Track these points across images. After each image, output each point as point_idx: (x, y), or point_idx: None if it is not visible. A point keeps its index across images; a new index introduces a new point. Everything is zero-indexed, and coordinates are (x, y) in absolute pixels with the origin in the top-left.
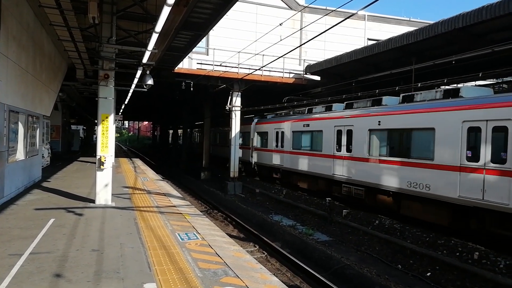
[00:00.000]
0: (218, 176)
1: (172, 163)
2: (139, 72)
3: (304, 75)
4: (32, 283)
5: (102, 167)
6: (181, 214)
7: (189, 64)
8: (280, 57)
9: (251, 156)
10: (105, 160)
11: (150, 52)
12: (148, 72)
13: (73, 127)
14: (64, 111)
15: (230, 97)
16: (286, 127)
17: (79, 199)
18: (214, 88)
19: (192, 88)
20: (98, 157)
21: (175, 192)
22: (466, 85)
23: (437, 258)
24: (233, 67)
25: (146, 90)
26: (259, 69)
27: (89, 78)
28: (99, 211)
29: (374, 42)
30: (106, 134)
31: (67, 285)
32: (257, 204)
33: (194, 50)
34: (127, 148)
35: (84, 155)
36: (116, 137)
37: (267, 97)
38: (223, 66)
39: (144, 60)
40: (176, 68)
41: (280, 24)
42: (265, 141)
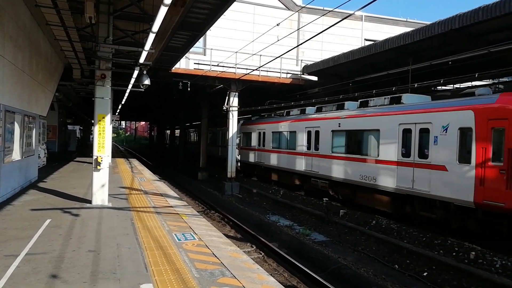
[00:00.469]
0: (215, 177)
1: (169, 164)
2: (136, 72)
3: (301, 76)
4: (28, 284)
5: (98, 167)
6: (178, 214)
7: (186, 64)
8: (277, 57)
9: (238, 155)
10: (101, 161)
11: (147, 52)
12: (145, 72)
13: (69, 127)
14: (61, 111)
15: (227, 97)
16: (267, 128)
17: (76, 199)
18: (212, 88)
19: (189, 88)
20: (95, 157)
21: (172, 193)
22: (409, 94)
23: (433, 258)
24: (230, 67)
25: (143, 90)
26: (256, 69)
27: (85, 78)
28: (95, 212)
29: (371, 43)
30: (103, 134)
31: (63, 286)
32: (254, 204)
33: (191, 50)
34: (124, 148)
35: (80, 155)
36: (113, 137)
37: (264, 97)
38: (220, 66)
39: (141, 60)
40: (173, 68)
41: (278, 25)
42: (249, 141)
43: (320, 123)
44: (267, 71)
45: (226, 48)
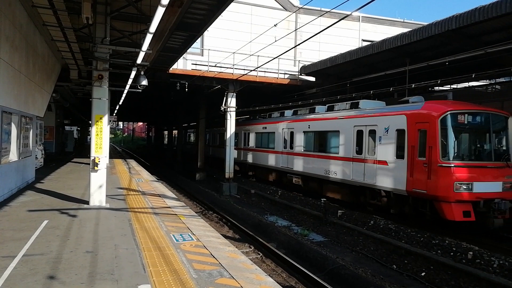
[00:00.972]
0: (213, 177)
1: (167, 164)
2: (133, 73)
3: (299, 76)
4: (25, 285)
5: (96, 168)
6: (176, 215)
7: (183, 64)
8: (275, 58)
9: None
10: (99, 161)
11: (145, 52)
12: (142, 72)
13: (67, 128)
14: (58, 112)
15: (225, 98)
16: (251, 129)
17: (73, 200)
18: (209, 89)
19: (187, 89)
20: (92, 158)
21: (170, 193)
22: (365, 100)
23: (431, 258)
24: (228, 67)
25: (140, 90)
26: (254, 70)
27: (83, 78)
28: (93, 213)
29: (369, 43)
30: (100, 135)
31: (61, 287)
32: (252, 205)
33: (188, 50)
34: (121, 149)
35: (78, 156)
36: (110, 138)
37: (262, 98)
38: (218, 66)
39: (139, 60)
40: (170, 68)
41: (275, 25)
42: (237, 141)
43: (295, 124)
44: (264, 71)
45: (224, 49)
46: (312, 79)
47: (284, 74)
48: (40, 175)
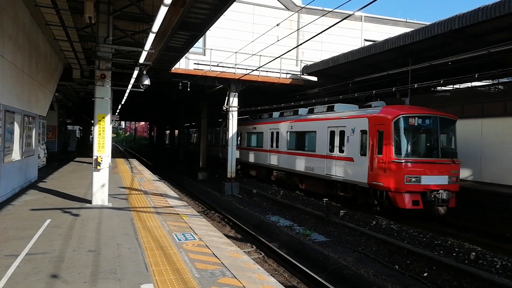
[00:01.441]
0: (215, 177)
1: (169, 164)
2: (135, 72)
3: (301, 76)
4: (28, 284)
5: (98, 167)
6: (178, 214)
7: (186, 64)
8: (277, 57)
9: (220, 152)
10: (101, 161)
11: (147, 52)
12: (145, 72)
13: (69, 127)
14: (60, 111)
15: (227, 97)
16: (243, 129)
17: (76, 199)
18: (211, 89)
19: (189, 89)
20: (95, 157)
21: (172, 193)
22: (341, 104)
23: (434, 259)
24: (230, 67)
25: (143, 90)
26: (256, 69)
27: (85, 78)
28: (95, 212)
29: (371, 43)
30: (103, 135)
31: (64, 285)
32: (254, 204)
33: (191, 50)
34: (123, 148)
35: (80, 155)
36: (112, 137)
37: (264, 97)
38: (220, 66)
39: (141, 60)
40: (173, 68)
41: (277, 25)
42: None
43: (280, 125)
44: (267, 71)
45: (226, 48)
46: (314, 79)
47: (286, 73)
48: (43, 174)
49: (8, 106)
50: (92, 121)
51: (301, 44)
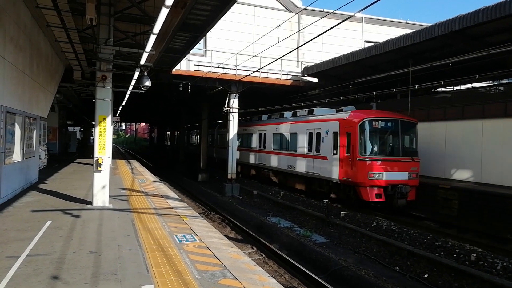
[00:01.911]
0: (216, 178)
1: (169, 165)
2: (136, 74)
3: (302, 77)
4: (29, 285)
5: (99, 168)
6: (178, 216)
7: (186, 65)
8: (277, 59)
9: (215, 153)
10: (102, 162)
11: (148, 53)
12: (145, 73)
13: (70, 128)
14: (61, 112)
15: (227, 98)
16: (238, 130)
17: (76, 201)
18: (212, 90)
19: (189, 90)
20: (96, 158)
21: (172, 194)
22: (319, 108)
23: (434, 260)
24: (230, 68)
25: (143, 91)
26: (256, 71)
27: (86, 79)
28: (96, 213)
29: (372, 44)
30: (104, 136)
31: (65, 287)
32: (254, 205)
33: (191, 51)
34: (124, 149)
35: (81, 156)
36: (113, 138)
37: (265, 99)
38: (220, 67)
39: (142, 61)
40: (173, 69)
41: (278, 26)
42: (223, 141)
43: (267, 127)
44: (267, 72)
45: (227, 50)
46: (314, 80)
47: (287, 75)
48: (44, 176)
49: (9, 107)
50: (93, 122)
51: (301, 45)
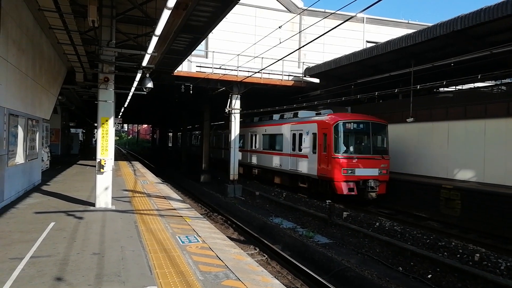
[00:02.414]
0: (218, 179)
1: (171, 166)
2: (138, 75)
3: (303, 78)
4: (33, 287)
5: (102, 170)
6: (181, 217)
7: (188, 67)
8: (279, 59)
9: (211, 153)
10: (105, 163)
11: (150, 55)
12: (147, 75)
13: (72, 130)
14: (64, 114)
15: (229, 99)
16: (227, 132)
17: (79, 202)
18: (214, 91)
19: (191, 91)
20: (98, 160)
21: (175, 195)
22: (303, 111)
23: (438, 260)
24: (232, 69)
25: (145, 93)
26: (258, 71)
27: (88, 81)
28: (99, 215)
29: (373, 45)
30: (106, 137)
31: None
32: (257, 206)
33: (193, 53)
34: (126, 151)
35: (83, 158)
36: (115, 140)
37: (266, 99)
38: (222, 69)
39: (144, 63)
40: (175, 71)
41: (280, 27)
42: (219, 142)
43: (257, 129)
44: (269, 73)
45: (228, 51)
46: (316, 80)
47: (288, 76)
48: (46, 177)
49: (12, 109)
50: (95, 124)
51: (303, 46)
